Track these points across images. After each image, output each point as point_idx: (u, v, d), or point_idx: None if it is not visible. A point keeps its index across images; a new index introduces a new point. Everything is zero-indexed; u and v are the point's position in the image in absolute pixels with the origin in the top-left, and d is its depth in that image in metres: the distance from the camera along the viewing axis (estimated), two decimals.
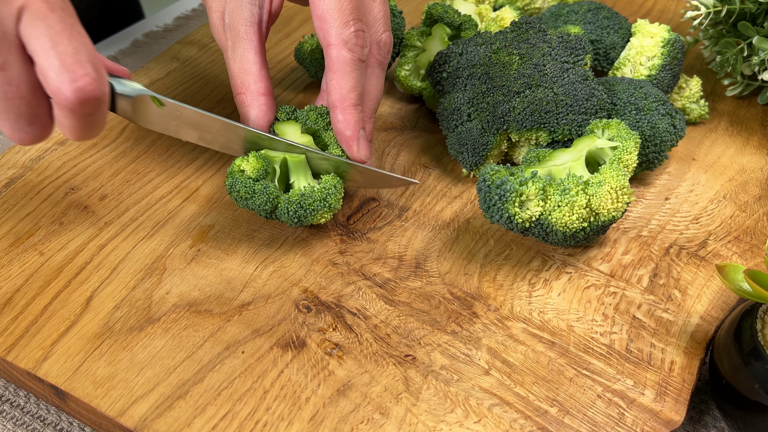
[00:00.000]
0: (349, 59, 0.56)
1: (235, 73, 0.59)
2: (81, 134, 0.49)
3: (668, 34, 0.69)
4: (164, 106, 0.55)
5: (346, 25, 0.56)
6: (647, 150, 0.63)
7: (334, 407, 0.49)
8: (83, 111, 0.47)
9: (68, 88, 0.45)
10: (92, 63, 0.46)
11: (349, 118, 0.58)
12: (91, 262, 0.58)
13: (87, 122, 0.48)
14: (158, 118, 0.56)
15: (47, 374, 0.51)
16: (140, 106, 0.55)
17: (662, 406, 0.50)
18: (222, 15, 0.60)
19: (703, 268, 0.59)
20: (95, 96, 0.46)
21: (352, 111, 0.58)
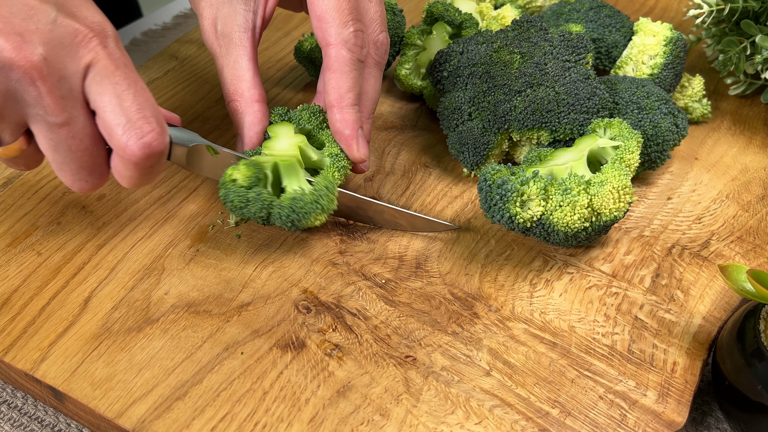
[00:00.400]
0: (348, 59, 0.57)
1: (228, 81, 0.59)
2: (138, 182, 0.51)
3: (671, 33, 0.69)
4: (218, 154, 0.57)
5: (345, 24, 0.56)
6: (649, 149, 0.63)
7: (334, 408, 0.49)
8: (147, 164, 0.48)
9: (136, 145, 0.47)
10: (156, 118, 0.48)
11: (347, 117, 0.58)
12: (89, 263, 0.58)
13: (147, 173, 0.50)
14: (211, 165, 0.58)
15: (45, 375, 0.51)
16: (194, 155, 0.57)
17: (664, 407, 0.50)
18: (214, 22, 0.59)
19: (705, 268, 0.59)
20: (160, 150, 0.48)
21: (351, 110, 0.58)
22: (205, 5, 0.60)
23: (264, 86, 0.77)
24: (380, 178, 0.66)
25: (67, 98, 0.46)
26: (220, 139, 0.70)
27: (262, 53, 0.83)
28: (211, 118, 0.73)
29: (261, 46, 0.84)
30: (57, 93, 0.45)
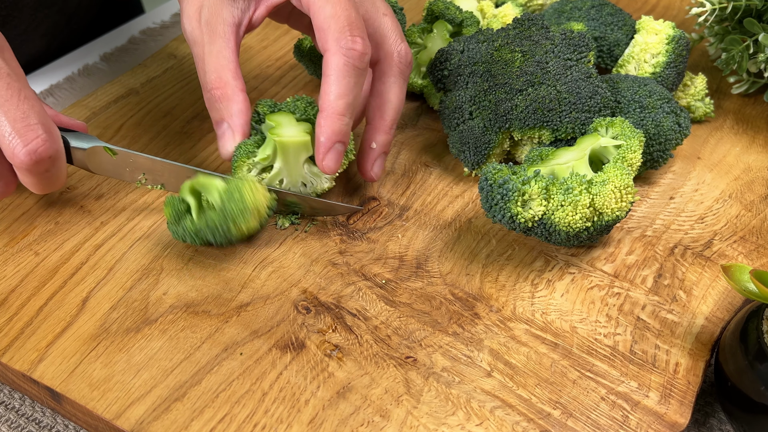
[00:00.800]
0: (342, 64, 0.55)
1: (211, 69, 0.58)
2: (42, 189, 0.53)
3: (673, 31, 0.69)
4: (116, 154, 0.58)
5: (342, 30, 0.55)
6: (651, 149, 0.63)
7: (333, 410, 0.49)
8: (39, 170, 0.50)
9: (22, 152, 0.49)
10: (42, 125, 0.50)
11: (328, 124, 0.56)
12: (87, 263, 0.58)
13: (45, 178, 0.52)
14: (113, 166, 0.59)
15: (42, 376, 0.51)
16: (94, 158, 0.58)
17: (667, 408, 0.50)
18: (199, 9, 0.59)
19: (708, 268, 0.59)
20: (48, 155, 0.50)
21: (335, 119, 0.56)
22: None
23: (263, 85, 0.77)
24: (380, 178, 0.66)
25: None
26: None
27: (262, 51, 0.82)
28: (210, 118, 0.73)
29: (260, 44, 0.84)
30: None
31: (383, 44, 0.61)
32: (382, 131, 0.61)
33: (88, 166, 0.59)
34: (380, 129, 0.61)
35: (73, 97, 0.78)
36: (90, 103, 0.74)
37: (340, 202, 0.62)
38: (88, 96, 0.75)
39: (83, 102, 0.74)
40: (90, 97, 0.75)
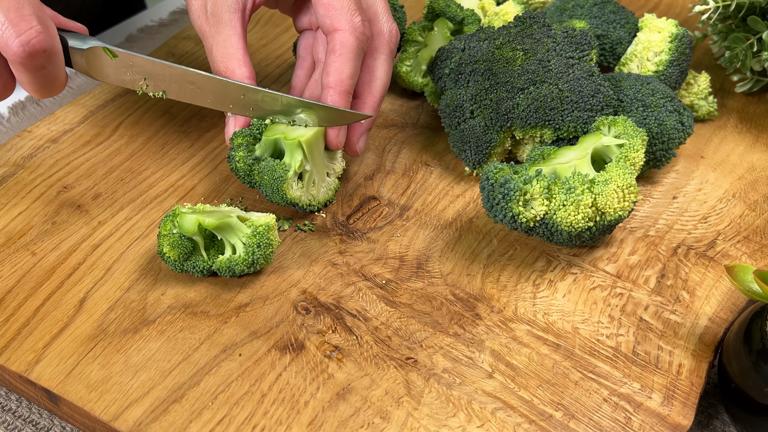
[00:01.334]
0: (354, 46, 0.58)
1: (218, 59, 0.60)
2: (39, 89, 0.52)
3: (676, 29, 0.69)
4: (117, 56, 0.57)
5: (355, 13, 0.58)
6: (654, 148, 0.63)
7: (333, 411, 0.49)
8: (34, 64, 0.49)
9: (14, 43, 0.48)
10: (37, 16, 0.49)
11: (340, 102, 0.59)
12: (85, 263, 0.58)
13: (42, 76, 0.51)
14: (112, 69, 0.58)
15: (39, 377, 0.51)
16: (93, 59, 0.57)
17: (670, 410, 0.50)
18: (204, 2, 0.60)
19: (711, 268, 0.59)
20: (42, 48, 0.49)
21: (345, 96, 0.59)
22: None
23: (263, 82, 0.77)
24: (380, 177, 0.66)
25: None
26: (219, 136, 0.70)
27: (261, 50, 0.82)
28: (209, 116, 0.73)
29: (259, 42, 0.84)
30: None
31: (376, 22, 0.63)
32: (370, 107, 0.62)
33: (88, 70, 0.58)
34: (368, 104, 0.62)
35: (71, 95, 0.78)
36: (88, 101, 0.74)
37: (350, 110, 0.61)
38: (85, 94, 0.75)
39: (81, 101, 0.74)
40: (88, 96, 0.75)
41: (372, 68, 0.63)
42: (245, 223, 0.56)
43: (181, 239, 0.55)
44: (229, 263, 0.55)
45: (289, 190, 0.59)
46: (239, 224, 0.56)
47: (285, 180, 0.58)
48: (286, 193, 0.58)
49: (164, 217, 0.56)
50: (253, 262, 0.55)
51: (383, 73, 0.63)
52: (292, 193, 0.59)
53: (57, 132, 0.70)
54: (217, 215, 0.56)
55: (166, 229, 0.55)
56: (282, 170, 0.58)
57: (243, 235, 0.56)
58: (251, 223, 0.56)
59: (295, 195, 0.59)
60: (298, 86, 0.65)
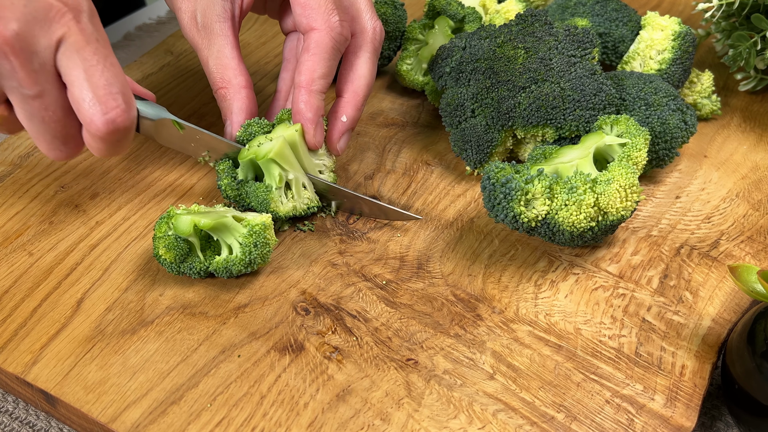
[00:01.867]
0: (329, 46, 0.59)
1: (213, 70, 0.61)
2: (107, 154, 0.54)
3: (679, 27, 0.69)
4: (184, 129, 0.59)
5: (332, 12, 0.58)
6: (657, 147, 0.63)
7: (333, 413, 0.49)
8: (112, 139, 0.51)
9: (100, 120, 0.50)
10: (123, 94, 0.51)
11: (313, 101, 0.59)
12: (82, 263, 0.58)
13: (114, 146, 0.53)
14: (178, 139, 0.60)
15: (36, 379, 0.51)
16: (161, 129, 0.59)
17: (673, 411, 0.50)
18: (193, 14, 0.61)
19: (715, 269, 0.59)
20: (124, 126, 0.51)
21: (318, 96, 0.59)
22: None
23: (261, 80, 0.77)
24: (381, 177, 0.66)
25: (39, 72, 0.49)
26: None
27: (259, 48, 0.82)
28: (208, 115, 0.73)
29: (258, 41, 0.84)
30: (29, 67, 0.48)
31: (358, 19, 0.63)
32: (353, 106, 0.62)
33: (155, 137, 0.60)
34: (352, 103, 0.62)
35: None
36: None
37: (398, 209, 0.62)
38: None
39: None
40: None
41: (355, 66, 0.63)
42: (241, 223, 0.56)
43: (177, 241, 0.55)
44: (226, 264, 0.55)
45: (279, 207, 0.59)
46: (235, 224, 0.56)
47: (270, 200, 0.58)
48: (277, 211, 0.59)
49: (159, 219, 0.56)
50: (250, 261, 0.55)
51: (366, 71, 0.63)
52: (283, 208, 0.59)
53: None
54: (213, 216, 0.56)
55: (161, 231, 0.55)
56: (264, 191, 0.58)
57: (239, 235, 0.56)
58: (247, 222, 0.56)
59: (287, 208, 0.60)
60: (284, 89, 0.65)
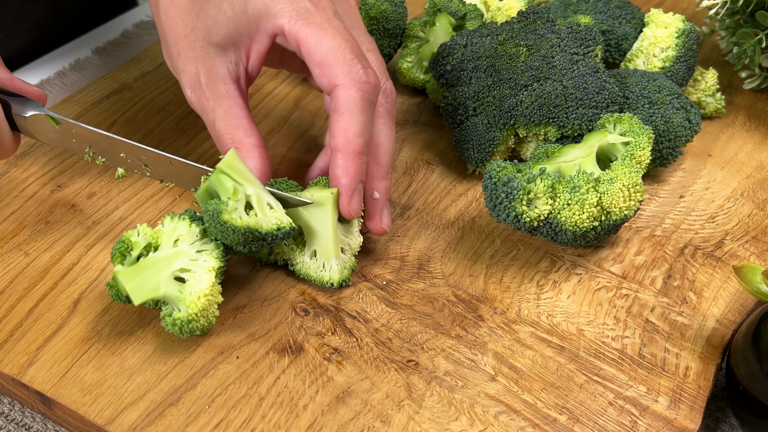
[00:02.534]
0: (358, 98, 0.53)
1: (222, 131, 0.57)
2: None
3: (683, 25, 0.69)
4: (60, 124, 0.58)
5: (353, 62, 0.53)
6: (661, 146, 0.63)
7: (333, 415, 0.49)
8: None
9: None
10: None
11: (350, 164, 0.54)
12: (79, 263, 0.58)
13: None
14: (58, 135, 0.58)
15: (32, 380, 0.51)
16: (37, 126, 0.58)
17: (677, 413, 0.50)
18: (197, 76, 0.57)
19: (719, 269, 0.59)
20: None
21: (356, 158, 0.54)
22: (186, 60, 0.57)
23: (260, 80, 0.77)
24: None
25: None
26: None
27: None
28: None
29: None
30: None
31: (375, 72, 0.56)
32: (379, 177, 0.58)
33: (34, 135, 0.58)
34: (378, 175, 0.58)
35: (64, 92, 0.78)
36: (81, 98, 0.74)
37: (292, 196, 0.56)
38: (79, 91, 0.75)
39: (74, 97, 0.74)
40: (81, 93, 0.75)
41: (373, 137, 0.58)
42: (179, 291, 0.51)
43: (119, 298, 0.52)
44: (162, 322, 0.51)
45: (236, 221, 0.50)
46: (169, 294, 0.51)
47: (222, 211, 0.50)
48: (232, 222, 0.50)
49: (112, 250, 0.52)
50: (180, 334, 0.51)
51: (386, 139, 0.58)
52: (240, 221, 0.51)
53: None
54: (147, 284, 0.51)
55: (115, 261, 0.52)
56: (214, 206, 0.51)
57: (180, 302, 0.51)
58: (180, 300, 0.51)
59: (248, 221, 0.51)
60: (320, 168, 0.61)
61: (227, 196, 0.52)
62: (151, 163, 0.59)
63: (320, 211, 0.55)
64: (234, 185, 0.52)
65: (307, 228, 0.55)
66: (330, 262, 0.55)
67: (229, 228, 0.50)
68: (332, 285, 0.56)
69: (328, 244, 0.55)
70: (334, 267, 0.55)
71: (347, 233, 0.57)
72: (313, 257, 0.56)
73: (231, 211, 0.51)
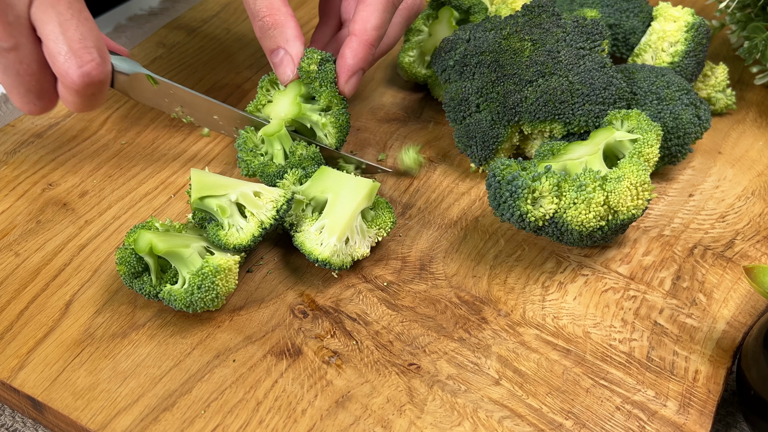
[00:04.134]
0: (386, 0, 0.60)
1: (263, 10, 0.60)
2: (83, 108, 0.57)
3: (692, 18, 0.69)
4: (158, 84, 0.61)
5: None
6: (670, 143, 0.63)
7: (332, 420, 0.49)
8: (87, 92, 0.54)
9: (75, 73, 0.53)
10: (97, 48, 0.54)
11: (360, 50, 0.60)
12: (71, 264, 0.58)
13: (89, 100, 0.55)
14: (152, 94, 0.63)
15: (23, 384, 0.51)
16: (136, 84, 0.61)
17: (686, 418, 0.50)
18: None
19: (729, 269, 0.59)
20: (99, 80, 0.54)
21: (367, 47, 0.61)
22: None
23: None
24: (381, 174, 0.66)
25: (14, 24, 0.52)
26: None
27: None
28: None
29: None
30: (4, 19, 0.51)
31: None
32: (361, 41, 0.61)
33: (129, 92, 0.62)
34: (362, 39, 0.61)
35: None
36: None
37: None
38: None
39: None
40: None
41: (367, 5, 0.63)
42: (204, 257, 0.53)
43: (132, 257, 0.53)
44: (169, 297, 0.53)
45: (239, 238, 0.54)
46: (193, 256, 0.53)
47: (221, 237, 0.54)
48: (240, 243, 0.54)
49: (133, 228, 0.55)
50: (191, 302, 0.52)
51: (392, 31, 0.65)
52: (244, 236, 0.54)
53: (42, 126, 0.70)
54: (174, 241, 0.53)
55: (128, 239, 0.54)
56: (214, 237, 0.54)
57: (189, 271, 0.53)
58: (207, 260, 0.52)
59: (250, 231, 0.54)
60: (320, 42, 0.67)
61: (219, 218, 0.55)
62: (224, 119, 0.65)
63: (353, 192, 0.57)
64: (218, 204, 0.54)
65: (332, 202, 0.57)
66: (330, 239, 0.55)
67: (238, 247, 0.54)
68: (317, 261, 0.55)
69: (339, 221, 0.56)
70: (330, 244, 0.55)
71: (361, 235, 0.57)
72: (318, 231, 0.56)
73: (230, 231, 0.54)
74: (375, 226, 0.57)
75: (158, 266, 0.54)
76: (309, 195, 0.58)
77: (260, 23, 0.61)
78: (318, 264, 0.55)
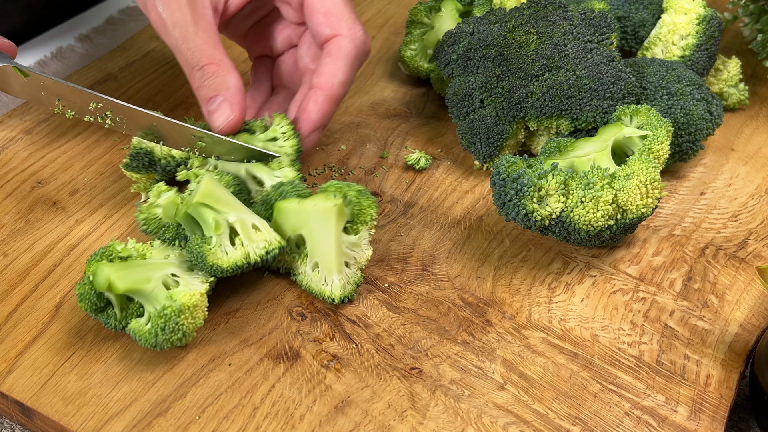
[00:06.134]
0: (353, 53, 0.61)
1: (200, 48, 0.59)
2: None
3: (704, 11, 0.69)
4: (28, 76, 0.60)
5: (355, 22, 0.62)
6: (680, 139, 0.63)
7: (331, 426, 0.49)
8: None
9: None
10: None
11: (325, 106, 0.61)
12: (61, 264, 0.58)
13: None
14: (26, 87, 0.60)
15: (11, 389, 0.51)
16: (4, 77, 0.60)
17: (697, 424, 0.50)
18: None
19: (742, 270, 0.59)
20: None
21: (332, 102, 0.61)
22: None
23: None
24: (382, 171, 0.66)
25: None
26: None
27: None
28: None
29: None
30: None
31: None
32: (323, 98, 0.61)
33: (2, 87, 0.60)
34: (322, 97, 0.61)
35: None
36: None
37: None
38: None
39: None
40: None
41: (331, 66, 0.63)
42: (169, 288, 0.52)
43: (92, 294, 0.51)
44: (134, 335, 0.51)
45: (222, 259, 0.52)
46: (156, 290, 0.51)
47: (206, 253, 0.52)
48: (219, 264, 0.52)
49: (94, 254, 0.52)
50: (156, 343, 0.50)
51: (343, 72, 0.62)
52: (227, 259, 0.52)
53: (31, 122, 0.70)
54: (135, 275, 0.51)
55: (88, 269, 0.52)
56: (197, 245, 0.52)
57: (153, 306, 0.51)
58: (171, 295, 0.51)
59: (235, 257, 0.53)
60: (253, 107, 0.67)
61: (209, 232, 0.53)
62: (129, 119, 0.60)
63: (323, 223, 0.54)
64: (215, 217, 0.53)
65: (310, 238, 0.55)
66: (332, 277, 0.54)
67: (216, 269, 0.52)
68: (333, 301, 0.55)
69: (330, 258, 0.54)
70: (336, 282, 0.54)
71: (354, 246, 0.55)
72: (315, 269, 0.55)
73: (215, 248, 0.52)
74: (362, 227, 0.55)
75: (121, 299, 0.52)
76: (284, 237, 0.55)
77: (200, 72, 0.59)
78: (336, 302, 0.55)
